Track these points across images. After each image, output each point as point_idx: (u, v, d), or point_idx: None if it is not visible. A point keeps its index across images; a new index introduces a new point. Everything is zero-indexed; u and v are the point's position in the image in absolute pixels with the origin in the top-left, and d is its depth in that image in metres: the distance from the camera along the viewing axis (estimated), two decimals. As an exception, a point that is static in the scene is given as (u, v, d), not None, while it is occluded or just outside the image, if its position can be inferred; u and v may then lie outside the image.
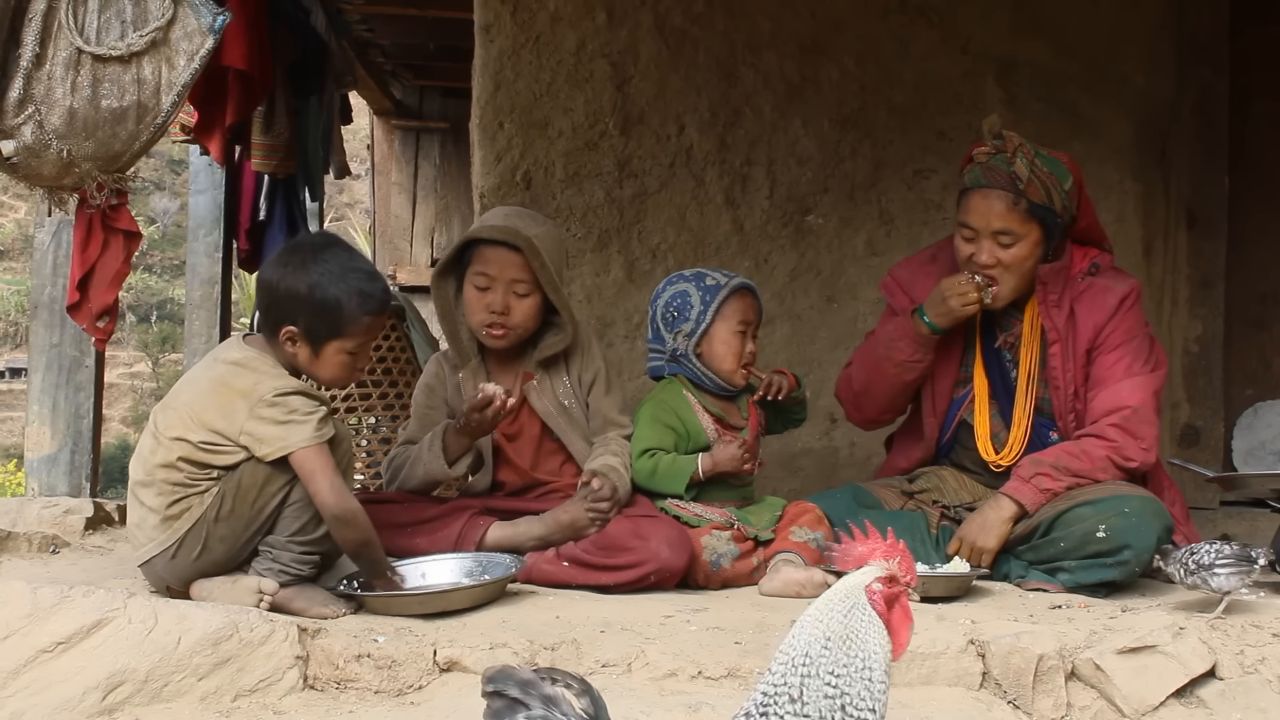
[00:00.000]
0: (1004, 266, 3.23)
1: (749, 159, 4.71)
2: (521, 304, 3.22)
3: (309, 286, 2.75)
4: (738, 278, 3.39)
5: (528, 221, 3.29)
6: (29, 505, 3.92)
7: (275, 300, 2.78)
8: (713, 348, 3.31)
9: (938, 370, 3.41)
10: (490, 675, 1.48)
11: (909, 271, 3.51)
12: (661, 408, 3.30)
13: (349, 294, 2.77)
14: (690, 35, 4.68)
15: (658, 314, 3.38)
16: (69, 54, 3.15)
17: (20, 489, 10.50)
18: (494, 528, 3.13)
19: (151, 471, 2.72)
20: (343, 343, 2.80)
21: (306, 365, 2.82)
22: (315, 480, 2.66)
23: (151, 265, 25.40)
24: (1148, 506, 3.06)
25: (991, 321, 3.39)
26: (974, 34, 4.73)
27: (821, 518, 3.25)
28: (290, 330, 2.77)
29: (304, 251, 2.83)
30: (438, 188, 9.04)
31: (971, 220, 3.25)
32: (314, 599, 2.70)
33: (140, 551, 2.77)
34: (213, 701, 2.30)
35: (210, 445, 2.69)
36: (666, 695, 2.29)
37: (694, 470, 3.23)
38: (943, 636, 2.47)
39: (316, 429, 2.69)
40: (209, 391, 2.74)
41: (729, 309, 3.31)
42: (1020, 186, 3.18)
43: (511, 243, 3.18)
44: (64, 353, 4.67)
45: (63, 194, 3.34)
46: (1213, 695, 2.41)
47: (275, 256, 2.88)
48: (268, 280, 2.82)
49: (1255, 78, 4.98)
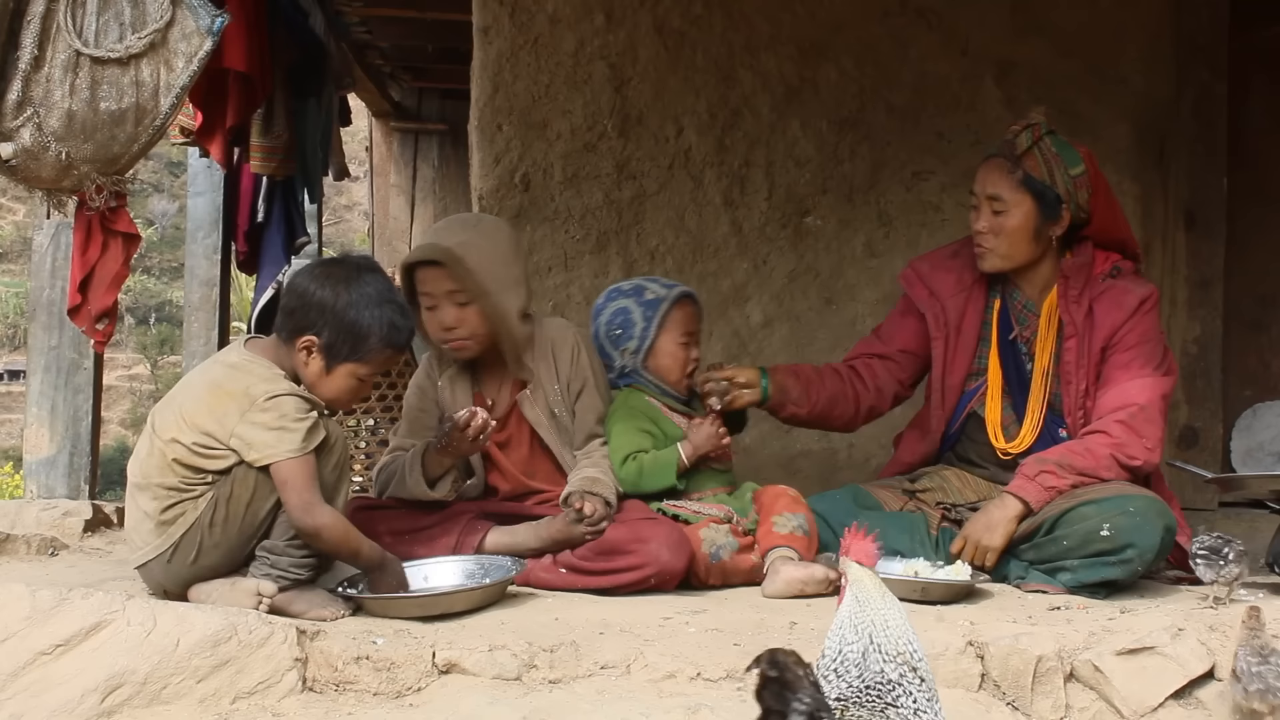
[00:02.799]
0: (994, 234, 3.32)
1: (747, 160, 4.71)
2: (465, 313, 3.18)
3: (344, 304, 2.75)
4: (677, 287, 3.38)
5: (455, 229, 3.26)
6: (28, 507, 3.92)
7: (304, 306, 2.77)
8: (659, 361, 3.33)
9: (951, 362, 3.44)
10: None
11: (930, 265, 3.54)
12: (632, 414, 3.30)
13: (380, 322, 2.77)
14: (689, 37, 4.68)
15: (600, 331, 3.37)
16: (67, 56, 3.15)
17: (19, 491, 10.50)
18: (492, 533, 3.13)
19: (147, 475, 2.72)
20: (357, 367, 2.80)
21: (313, 379, 2.80)
22: (286, 492, 2.66)
23: (150, 267, 25.40)
24: (1151, 506, 3.06)
25: (1007, 314, 3.42)
26: (973, 36, 4.74)
27: (798, 498, 3.26)
28: (310, 340, 2.76)
29: (346, 268, 2.82)
30: (436, 190, 9.03)
31: (975, 186, 3.38)
32: (313, 601, 2.70)
33: (136, 555, 2.77)
34: (211, 704, 2.30)
35: (202, 448, 2.69)
36: (665, 697, 2.29)
37: (678, 459, 3.22)
38: (941, 638, 2.47)
39: (305, 438, 2.68)
40: (203, 393, 2.74)
41: (671, 322, 3.32)
42: (1017, 154, 3.27)
43: (432, 259, 3.16)
44: (63, 355, 4.67)
45: (61, 196, 3.34)
46: (1211, 696, 2.41)
47: (314, 265, 2.86)
48: (303, 286, 2.79)
49: (1254, 79, 4.99)
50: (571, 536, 3.05)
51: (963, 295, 3.45)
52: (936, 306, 3.47)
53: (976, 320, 3.44)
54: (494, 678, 2.36)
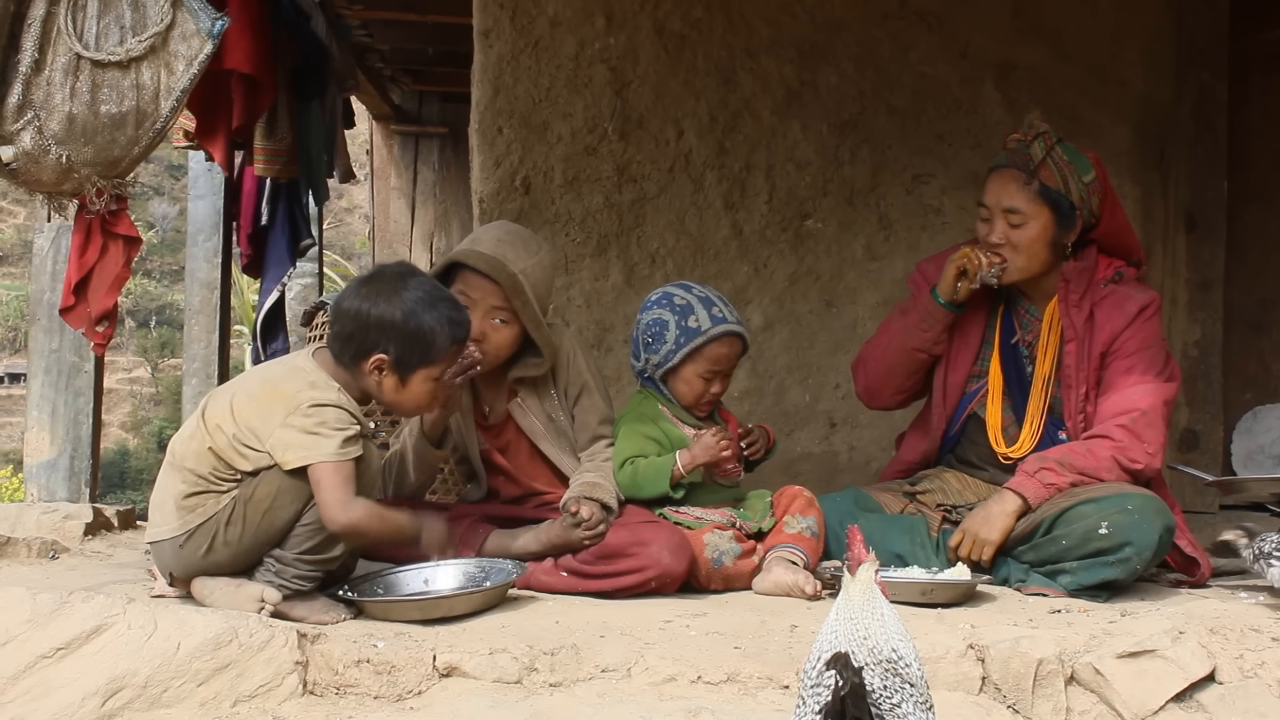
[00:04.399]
0: (1013, 246, 3.30)
1: (748, 164, 4.72)
2: (499, 332, 3.18)
3: (403, 315, 2.74)
4: (724, 324, 3.25)
5: (519, 251, 3.21)
6: (28, 510, 3.92)
7: (362, 328, 2.75)
8: (677, 386, 3.29)
9: (952, 362, 3.44)
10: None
11: (936, 266, 3.53)
12: (641, 420, 3.28)
13: (441, 322, 2.78)
14: (689, 40, 4.69)
15: (639, 330, 3.34)
16: (68, 59, 3.15)
17: (19, 494, 10.50)
18: (493, 537, 3.13)
19: (184, 457, 2.73)
20: (430, 370, 2.80)
21: (391, 394, 2.81)
22: (321, 492, 2.65)
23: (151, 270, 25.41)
24: (1150, 505, 3.06)
25: (1011, 319, 3.42)
26: (973, 38, 4.74)
27: (811, 500, 3.28)
28: (380, 359, 2.75)
29: (389, 280, 2.81)
30: (437, 193, 9.03)
31: (986, 199, 3.34)
32: (314, 607, 2.71)
33: (153, 530, 2.79)
34: (212, 707, 2.30)
35: (241, 443, 2.69)
36: (666, 700, 2.29)
37: (673, 466, 3.18)
38: (942, 641, 2.47)
39: (341, 446, 2.67)
40: (257, 388, 2.76)
41: (700, 356, 3.24)
42: (1032, 167, 3.25)
43: (494, 277, 3.15)
44: (63, 358, 4.67)
45: (62, 199, 3.35)
46: (1212, 700, 2.41)
47: (357, 285, 2.84)
48: (354, 308, 2.77)
49: (1254, 81, 4.99)
50: (570, 541, 3.05)
51: None
52: None
53: (980, 323, 3.45)
54: (494, 681, 2.36)
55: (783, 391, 4.72)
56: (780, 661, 2.40)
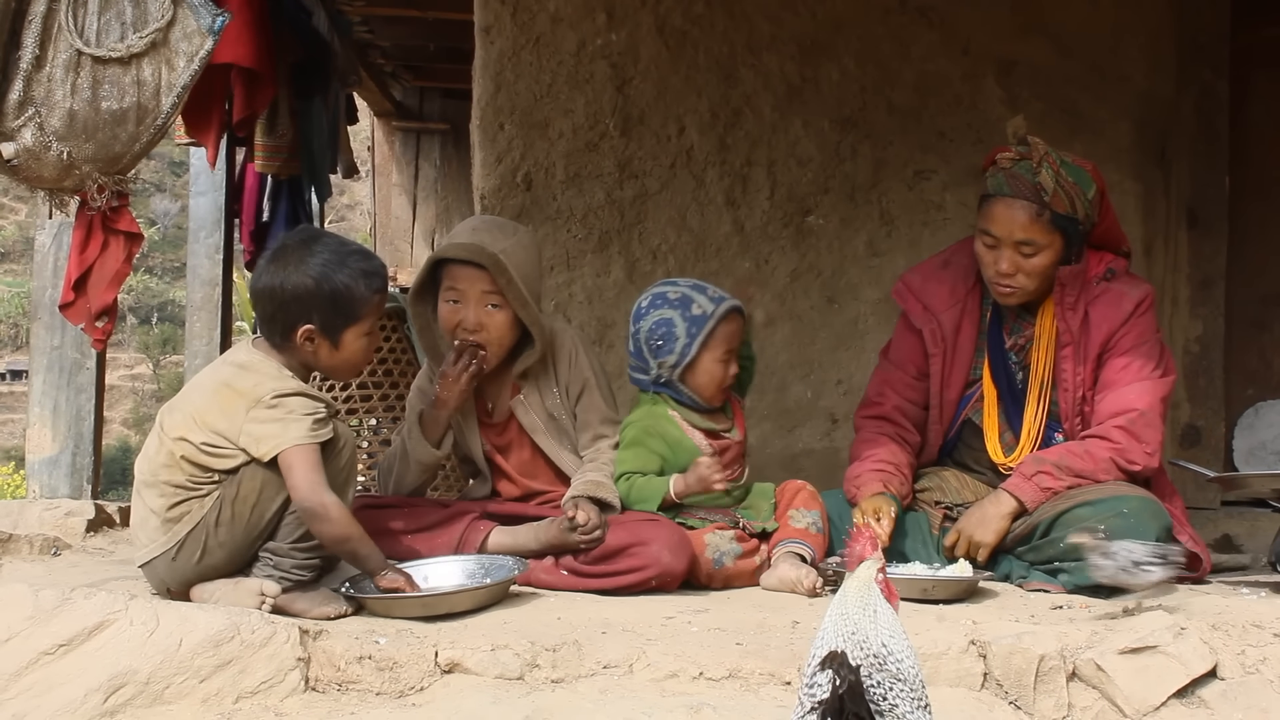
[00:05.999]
0: (1025, 274, 3.24)
1: (749, 160, 4.71)
2: (494, 318, 3.18)
3: (315, 280, 2.75)
4: (724, 301, 3.25)
5: (495, 234, 3.22)
6: (30, 507, 3.92)
7: (283, 303, 2.77)
8: (696, 379, 3.25)
9: (948, 378, 3.41)
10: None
11: (921, 278, 3.49)
12: (647, 432, 3.25)
13: (355, 276, 2.79)
14: (690, 36, 4.68)
15: (641, 337, 3.28)
16: (69, 56, 3.15)
17: (21, 491, 10.52)
18: (494, 534, 3.13)
19: (155, 471, 2.73)
20: (359, 326, 2.82)
21: (328, 360, 2.83)
22: (292, 474, 2.66)
23: (152, 267, 25.43)
24: (1146, 507, 3.06)
25: (1000, 325, 3.40)
26: (974, 34, 4.73)
27: (815, 494, 3.27)
28: (308, 329, 2.77)
29: (295, 250, 2.82)
30: (438, 189, 9.04)
31: (994, 229, 3.24)
32: (315, 600, 2.70)
33: (142, 552, 2.78)
34: (214, 703, 2.30)
35: (211, 447, 2.70)
36: (668, 696, 2.29)
37: (665, 492, 3.17)
38: (944, 637, 2.47)
39: (311, 429, 2.69)
40: (212, 392, 2.75)
41: (714, 340, 3.22)
42: (1045, 199, 3.18)
43: (477, 261, 3.15)
44: (65, 355, 4.67)
45: (64, 196, 3.35)
46: (1214, 695, 2.40)
47: (265, 264, 2.85)
48: (268, 286, 2.79)
49: (1256, 78, 4.98)
50: (567, 543, 3.05)
51: (957, 307, 3.41)
52: (932, 322, 3.42)
53: (973, 331, 3.40)
54: (496, 677, 2.36)
55: (784, 388, 4.71)
56: (782, 658, 2.40)
